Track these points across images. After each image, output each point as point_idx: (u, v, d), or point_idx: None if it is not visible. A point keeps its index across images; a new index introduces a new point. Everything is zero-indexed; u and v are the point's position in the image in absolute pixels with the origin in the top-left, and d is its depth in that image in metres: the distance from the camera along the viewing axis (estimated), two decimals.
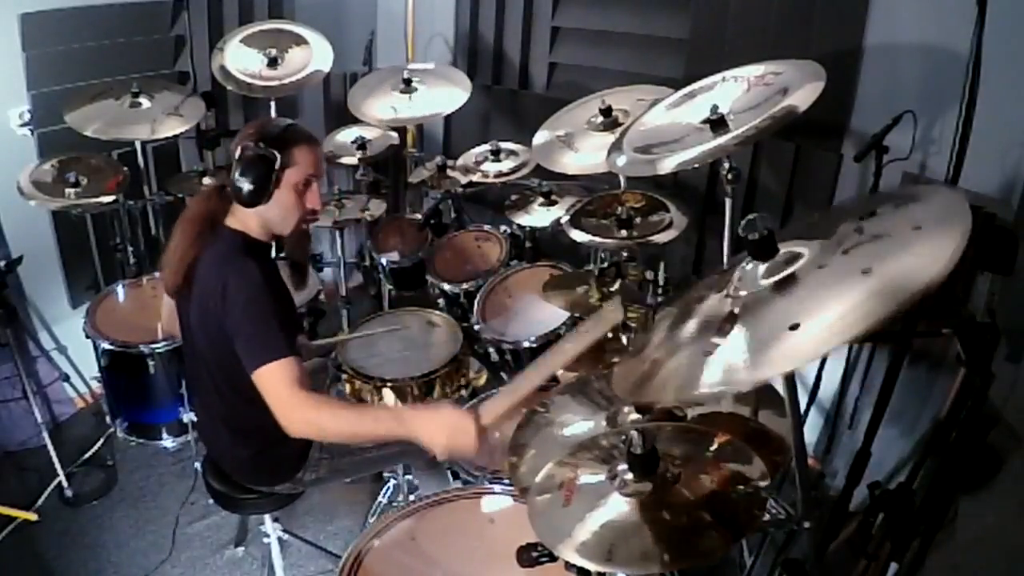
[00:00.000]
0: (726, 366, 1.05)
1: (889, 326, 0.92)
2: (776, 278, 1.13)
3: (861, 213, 1.17)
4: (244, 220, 1.80)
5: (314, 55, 3.15)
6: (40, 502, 2.75)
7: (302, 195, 1.80)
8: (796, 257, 1.14)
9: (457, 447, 1.59)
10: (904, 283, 0.94)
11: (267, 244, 1.85)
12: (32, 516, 2.67)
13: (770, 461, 1.30)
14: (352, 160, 3.22)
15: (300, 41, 3.17)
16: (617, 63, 3.20)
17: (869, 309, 0.94)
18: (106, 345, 2.60)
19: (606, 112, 2.57)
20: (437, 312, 2.76)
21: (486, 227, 3.14)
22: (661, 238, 2.24)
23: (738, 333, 1.10)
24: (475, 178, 3.09)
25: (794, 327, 0.99)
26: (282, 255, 2.12)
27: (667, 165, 1.94)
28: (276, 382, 1.60)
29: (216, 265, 1.73)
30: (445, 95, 3.15)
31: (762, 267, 1.16)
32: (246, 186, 1.72)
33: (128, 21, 3.12)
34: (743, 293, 1.16)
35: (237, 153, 1.73)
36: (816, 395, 2.64)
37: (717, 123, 1.91)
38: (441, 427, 1.58)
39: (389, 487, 2.53)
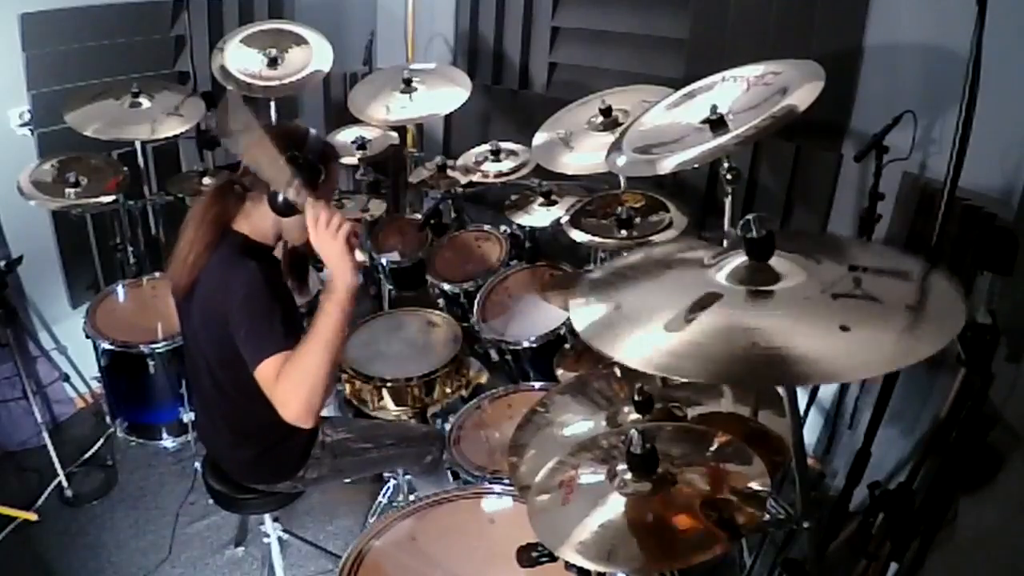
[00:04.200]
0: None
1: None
2: (756, 287, 1.12)
3: (864, 263, 1.17)
4: (255, 224, 1.79)
5: (314, 55, 3.15)
6: (40, 502, 2.74)
7: None
8: (781, 275, 1.13)
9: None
10: (859, 364, 0.97)
11: (270, 247, 1.85)
12: (32, 516, 2.67)
13: (770, 461, 1.30)
14: (352, 160, 3.22)
15: (300, 41, 3.17)
16: (617, 63, 3.20)
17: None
18: (106, 345, 2.60)
19: (606, 112, 2.57)
20: (437, 312, 2.76)
21: (486, 227, 3.14)
22: (661, 238, 2.24)
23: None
24: (475, 178, 3.09)
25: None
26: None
27: (667, 165, 1.93)
28: (270, 377, 1.59)
29: (219, 267, 1.73)
30: (445, 95, 3.15)
31: (745, 268, 1.16)
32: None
33: (128, 21, 3.12)
34: (719, 281, 1.16)
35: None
36: (816, 395, 2.64)
37: (717, 123, 1.91)
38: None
39: (389, 487, 2.53)
